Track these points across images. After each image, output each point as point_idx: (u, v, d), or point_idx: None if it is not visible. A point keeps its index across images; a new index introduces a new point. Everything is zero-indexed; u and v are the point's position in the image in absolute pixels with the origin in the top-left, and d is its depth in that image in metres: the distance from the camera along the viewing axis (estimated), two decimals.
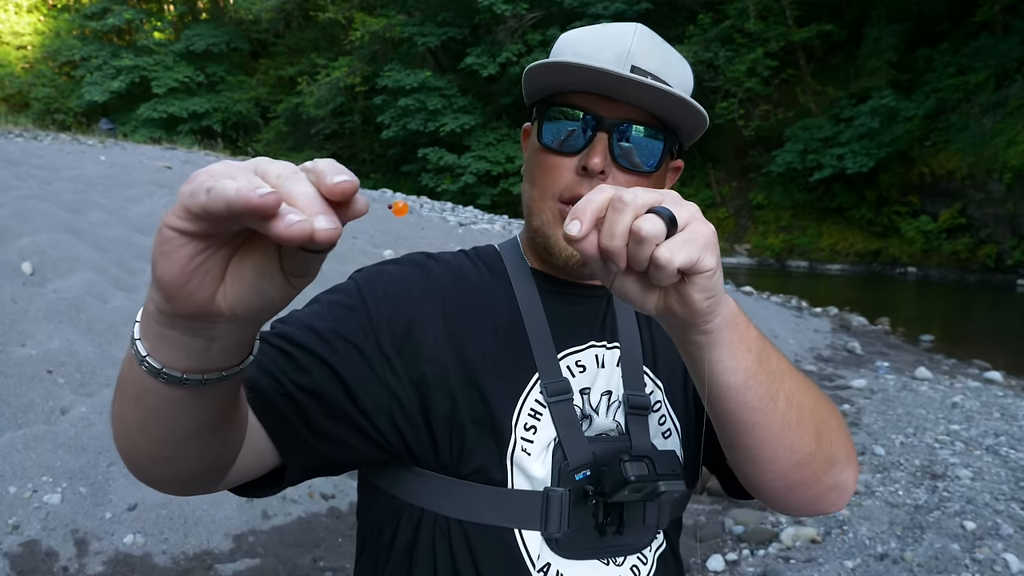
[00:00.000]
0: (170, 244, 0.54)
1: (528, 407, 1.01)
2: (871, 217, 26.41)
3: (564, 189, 1.02)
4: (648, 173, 1.03)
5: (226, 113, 38.60)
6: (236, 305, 0.58)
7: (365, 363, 0.96)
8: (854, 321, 12.94)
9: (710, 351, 0.78)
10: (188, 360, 0.63)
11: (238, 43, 40.99)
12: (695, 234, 0.69)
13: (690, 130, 1.05)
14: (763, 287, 16.79)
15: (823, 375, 8.41)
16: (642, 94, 0.97)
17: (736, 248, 29.55)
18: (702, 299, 0.72)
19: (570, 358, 1.07)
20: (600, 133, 1.00)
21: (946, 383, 8.12)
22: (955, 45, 25.45)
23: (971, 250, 23.09)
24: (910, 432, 6.12)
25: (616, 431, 1.05)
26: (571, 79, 0.99)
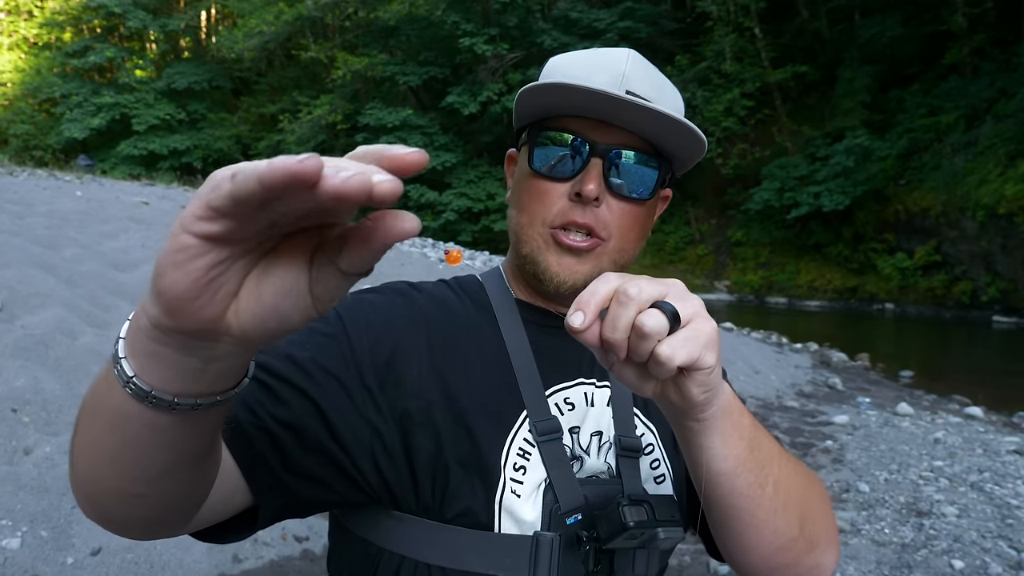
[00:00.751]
0: (185, 253, 0.48)
1: (517, 446, 0.96)
2: (848, 254, 26.79)
3: (556, 215, 0.99)
4: (642, 201, 1.01)
5: (207, 150, 38.53)
6: (249, 325, 0.51)
7: (346, 397, 0.91)
8: (834, 357, 12.99)
9: (702, 438, 0.79)
10: (181, 382, 0.56)
11: (220, 81, 41.21)
12: (697, 332, 0.70)
13: (686, 157, 1.03)
14: (743, 323, 16.85)
15: (805, 411, 8.38)
16: (639, 118, 0.95)
17: (716, 284, 29.76)
18: (699, 393, 0.73)
19: (558, 395, 1.02)
20: (594, 158, 0.97)
21: (927, 419, 8.13)
22: (926, 86, 26.16)
23: (947, 287, 23.43)
24: (894, 468, 6.09)
25: (607, 473, 1.01)
26: (565, 102, 0.96)
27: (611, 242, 1.00)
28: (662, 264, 31.76)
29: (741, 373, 9.83)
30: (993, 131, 22.61)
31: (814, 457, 6.50)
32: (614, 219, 0.99)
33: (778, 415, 8.01)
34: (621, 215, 0.99)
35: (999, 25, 24.56)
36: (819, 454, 6.59)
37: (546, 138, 0.99)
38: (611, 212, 0.98)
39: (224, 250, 0.48)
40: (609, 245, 1.00)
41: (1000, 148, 22.05)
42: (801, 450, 6.70)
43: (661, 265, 31.71)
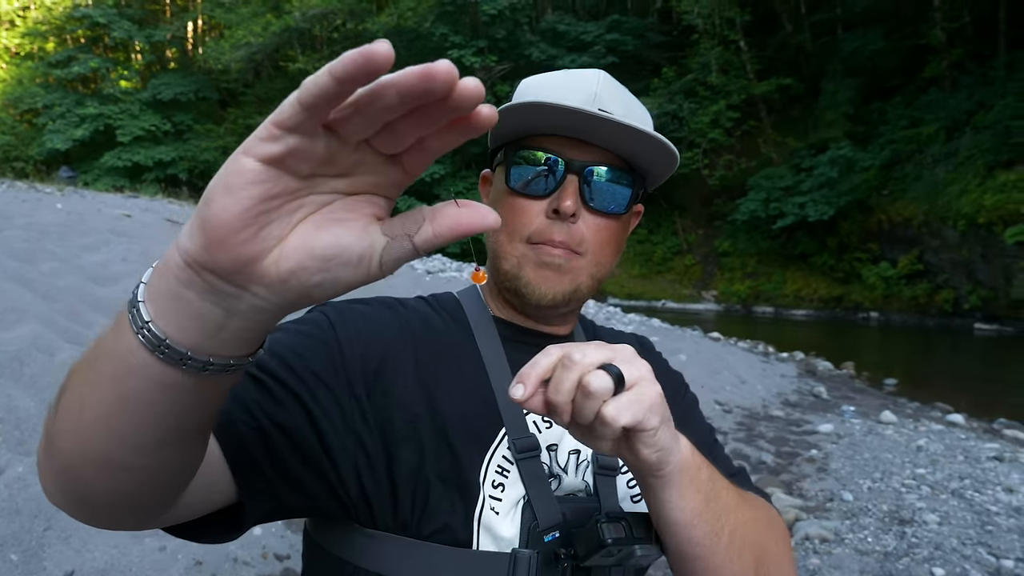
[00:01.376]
0: (242, 177, 0.46)
1: (496, 463, 0.96)
2: (833, 263, 27.02)
3: (534, 232, 1.00)
4: (617, 215, 1.03)
5: (193, 162, 38.28)
6: (290, 275, 0.50)
7: (336, 405, 0.91)
8: (819, 366, 13.04)
9: (660, 492, 0.81)
10: (199, 334, 0.53)
11: (206, 92, 41.07)
12: (641, 394, 0.73)
13: (659, 173, 1.06)
14: (730, 332, 16.91)
15: (790, 420, 8.40)
16: (613, 135, 0.97)
17: (703, 295, 29.87)
18: (650, 453, 0.76)
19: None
20: (571, 176, 0.99)
21: (910, 426, 8.17)
22: (907, 99, 26.54)
23: (929, 295, 23.66)
24: (877, 477, 6.11)
25: (584, 492, 1.02)
26: (541, 121, 0.98)
27: (588, 256, 1.02)
28: (650, 274, 31.88)
29: (727, 383, 9.85)
30: (972, 142, 22.93)
31: (799, 466, 6.50)
32: (590, 234, 1.01)
33: (764, 424, 8.03)
34: (597, 230, 1.01)
35: (977, 39, 24.97)
36: (804, 463, 6.60)
37: (522, 157, 1.01)
38: (587, 227, 1.01)
39: (282, 181, 0.47)
40: (586, 259, 1.02)
41: (979, 159, 22.35)
42: (786, 459, 6.71)
43: (649, 275, 31.84)
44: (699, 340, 14.47)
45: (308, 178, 0.49)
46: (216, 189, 0.47)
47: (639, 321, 15.64)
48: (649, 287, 30.73)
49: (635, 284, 30.89)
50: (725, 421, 7.94)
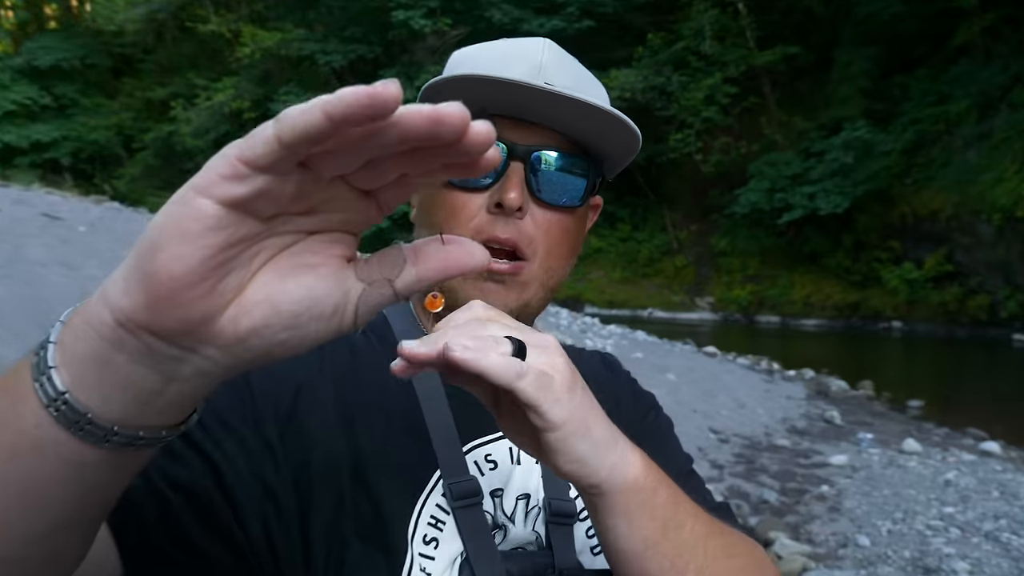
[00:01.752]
0: (201, 222, 0.46)
1: (428, 514, 0.97)
2: (848, 265, 27.51)
3: (475, 232, 1.00)
4: (571, 208, 1.04)
5: (79, 143, 37.85)
6: (251, 333, 0.50)
7: (243, 453, 0.91)
8: (833, 385, 13.19)
9: (603, 516, 0.81)
10: (127, 406, 0.53)
11: (96, 58, 40.52)
12: (543, 375, 0.73)
13: (619, 157, 1.07)
14: (729, 347, 17.05)
15: (798, 451, 8.48)
16: (564, 113, 0.98)
17: (698, 301, 30.13)
18: (565, 462, 0.76)
19: (478, 451, 1.04)
20: (514, 162, 1.00)
21: (938, 457, 8.29)
22: (933, 71, 27.13)
23: (961, 301, 24.19)
24: (898, 517, 6.18)
25: (535, 544, 1.02)
26: (476, 98, 0.97)
27: (537, 261, 1.03)
28: (635, 278, 32.09)
29: (724, 407, 9.92)
30: (1008, 122, 23.52)
31: (808, 506, 6.56)
32: (540, 232, 1.02)
33: (767, 456, 8.09)
34: (548, 227, 1.03)
35: (1014, 1, 25.55)
36: (813, 502, 6.65)
37: None
38: (536, 224, 1.02)
39: (245, 225, 0.47)
40: (535, 266, 1.03)
41: (1016, 141, 22.93)
42: (793, 497, 6.76)
43: (634, 279, 32.05)
44: (691, 356, 14.55)
45: (271, 219, 0.49)
46: (166, 236, 0.46)
47: (620, 334, 15.69)
48: (633, 293, 30.91)
49: (617, 289, 31.08)
50: (721, 452, 7.97)
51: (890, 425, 10.29)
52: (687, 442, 5.78)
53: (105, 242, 11.77)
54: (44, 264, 8.80)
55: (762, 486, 6.97)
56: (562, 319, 16.53)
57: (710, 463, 7.48)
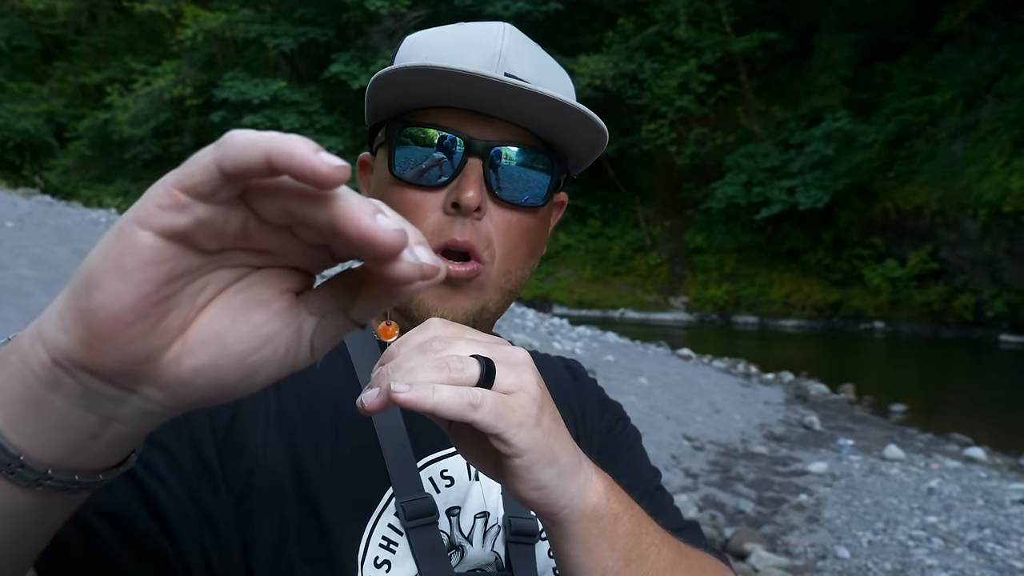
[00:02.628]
0: (140, 256, 0.46)
1: (380, 535, 0.97)
2: (829, 262, 27.85)
3: (431, 235, 1.00)
4: (533, 208, 1.05)
5: (6, 131, 37.16)
6: (196, 374, 0.50)
7: (178, 476, 0.90)
8: (812, 389, 13.34)
9: (561, 543, 0.80)
10: (63, 448, 0.53)
11: (24, 40, 39.84)
12: (512, 403, 0.73)
13: (584, 153, 1.07)
14: (704, 348, 17.17)
15: (775, 458, 8.55)
16: (524, 106, 0.97)
17: (672, 301, 30.32)
18: (527, 489, 0.75)
19: (433, 467, 1.05)
20: (472, 159, 1.00)
21: (921, 463, 8.43)
22: (917, 59, 27.53)
23: (946, 300, 24.60)
24: (879, 527, 6.26)
25: (495, 565, 1.03)
26: (430, 90, 0.98)
27: (495, 264, 1.03)
28: (606, 276, 32.21)
29: (699, 413, 9.99)
30: (995, 113, 23.94)
31: (785, 516, 6.61)
32: (499, 234, 1.03)
33: (743, 464, 8.15)
34: (508, 228, 1.03)
35: None
36: (791, 512, 6.71)
37: (409, 136, 1.02)
38: (495, 225, 1.02)
39: (187, 258, 0.47)
40: (493, 269, 1.03)
41: (1004, 133, 23.34)
42: (770, 507, 6.82)
43: (605, 278, 32.16)
44: (665, 359, 14.63)
45: (217, 252, 0.49)
46: (103, 271, 0.46)
47: (591, 336, 15.74)
48: (604, 293, 31.02)
49: (587, 289, 31.17)
50: (695, 460, 8.02)
51: (872, 431, 10.42)
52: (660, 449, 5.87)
53: (35, 239, 11.59)
54: None
55: (738, 495, 7.02)
56: (528, 320, 16.54)
57: (684, 471, 7.53)
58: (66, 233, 13.32)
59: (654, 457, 5.30)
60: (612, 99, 31.02)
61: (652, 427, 8.50)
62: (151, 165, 38.07)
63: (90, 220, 17.55)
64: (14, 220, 13.43)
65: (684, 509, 5.94)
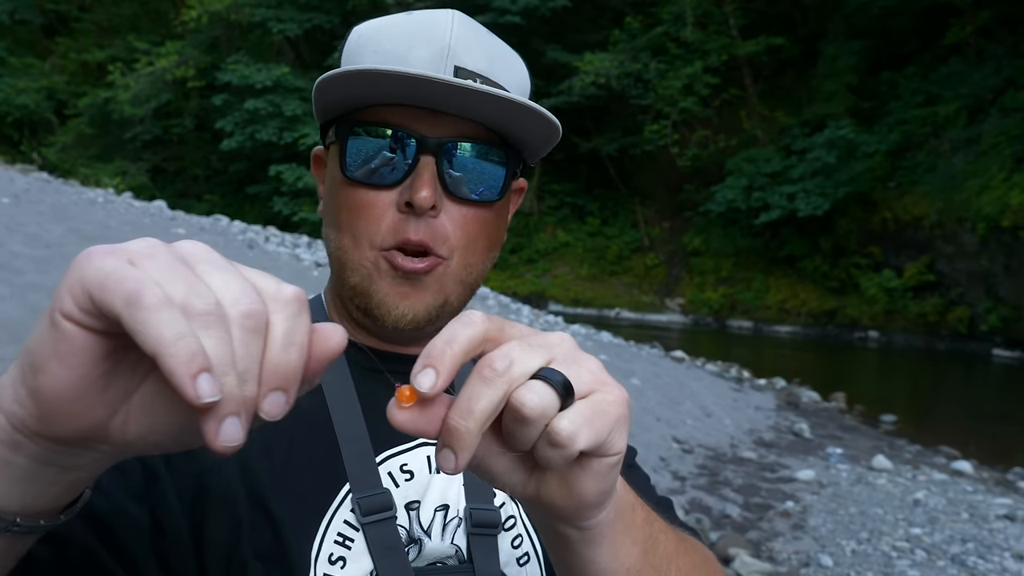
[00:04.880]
0: (70, 343, 0.49)
1: (335, 531, 0.97)
2: (826, 270, 27.87)
3: (386, 234, 1.00)
4: (490, 202, 1.03)
5: (5, 106, 36.91)
6: (140, 439, 0.53)
7: (121, 481, 0.89)
8: (804, 396, 13.39)
9: (586, 548, 0.73)
10: (26, 497, 0.58)
11: (25, 14, 39.55)
12: (603, 404, 0.64)
13: (537, 144, 1.05)
14: (698, 351, 17.20)
15: (764, 464, 8.58)
16: (475, 103, 0.96)
17: (668, 303, 30.33)
18: (596, 490, 0.67)
19: (393, 462, 1.04)
20: (425, 157, 0.98)
21: (908, 475, 8.47)
22: (923, 69, 27.52)
23: (941, 312, 24.64)
24: (864, 537, 6.29)
25: (455, 558, 1.03)
26: (378, 90, 0.97)
27: (455, 259, 1.02)
28: (602, 275, 32.20)
29: (689, 416, 10.00)
30: (998, 127, 23.97)
31: (771, 522, 6.64)
32: (456, 229, 1.01)
33: (731, 469, 8.17)
34: (464, 223, 1.02)
35: (1009, 1, 25.99)
36: (777, 518, 6.74)
37: (360, 135, 1.00)
38: (452, 221, 1.01)
39: (119, 339, 0.50)
40: (453, 263, 1.02)
41: (1005, 148, 23.38)
42: (756, 513, 6.84)
43: (601, 277, 32.15)
44: (658, 360, 14.64)
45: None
46: (44, 355, 0.50)
47: (585, 334, 15.74)
48: (601, 292, 31.03)
49: (583, 287, 31.18)
50: (684, 463, 8.04)
51: (861, 440, 10.46)
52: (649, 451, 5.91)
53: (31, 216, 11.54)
54: None
55: (725, 500, 7.05)
56: (524, 317, 16.53)
57: (672, 474, 7.55)
58: (63, 211, 13.26)
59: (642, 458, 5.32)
60: (616, 98, 31.00)
61: (642, 428, 8.51)
62: (151, 146, 37.99)
63: (87, 199, 17.45)
64: (10, 196, 13.36)
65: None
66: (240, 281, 0.52)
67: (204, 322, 0.48)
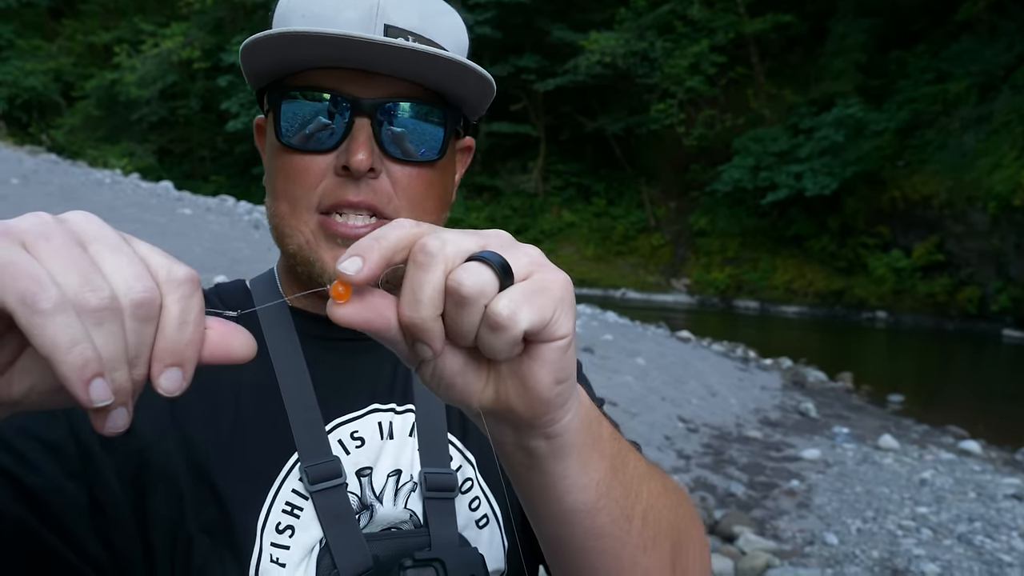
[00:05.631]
0: None
1: (283, 501, 0.97)
2: (834, 250, 27.78)
3: (323, 196, 0.99)
4: (432, 162, 1.02)
5: (14, 88, 37.07)
6: (24, 395, 0.54)
7: (56, 461, 0.88)
8: (810, 376, 13.36)
9: (553, 462, 0.71)
10: None
11: None
12: (544, 283, 0.62)
13: (475, 101, 1.04)
14: (704, 331, 17.16)
15: (769, 443, 8.54)
16: (408, 63, 0.94)
17: (674, 283, 30.30)
18: (551, 383, 0.64)
19: (343, 429, 1.03)
20: (359, 119, 0.97)
21: (915, 454, 8.43)
22: (933, 47, 27.29)
23: (950, 292, 24.54)
24: (869, 516, 6.26)
25: (410, 522, 1.02)
26: (307, 54, 0.95)
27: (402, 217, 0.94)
28: (608, 256, 32.16)
29: (694, 395, 9.98)
30: (1010, 104, 23.78)
31: (776, 501, 6.61)
32: (400, 190, 1.00)
33: (736, 448, 8.15)
34: (409, 183, 1.01)
35: None
36: (782, 497, 6.71)
37: (292, 101, 0.99)
38: (394, 182, 1.00)
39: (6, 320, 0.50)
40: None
41: (1017, 126, 23.21)
42: (761, 492, 6.81)
43: (607, 257, 32.12)
44: (663, 340, 14.63)
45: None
46: None
47: (590, 314, 15.72)
48: (606, 272, 31.02)
49: (588, 267, 31.16)
50: (689, 442, 8.01)
51: (867, 420, 10.42)
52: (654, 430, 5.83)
53: (39, 197, 11.57)
54: None
55: (730, 479, 7.03)
56: None
57: (677, 452, 7.52)
58: (71, 192, 13.30)
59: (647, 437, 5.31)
60: (622, 77, 30.87)
61: (647, 407, 8.49)
62: (157, 127, 38.04)
63: (95, 180, 17.50)
64: (19, 177, 13.41)
65: None
66: (133, 265, 0.52)
67: (97, 319, 0.49)
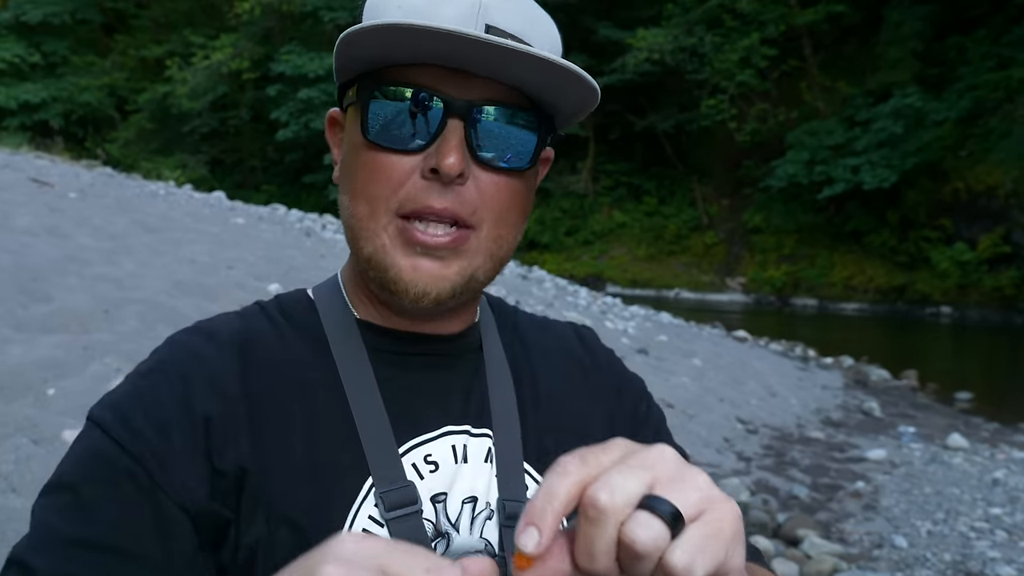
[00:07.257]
0: None
1: (360, 528, 0.95)
2: (894, 244, 27.30)
3: (405, 199, 0.95)
4: (520, 171, 0.99)
5: (70, 104, 37.94)
6: None
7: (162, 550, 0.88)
8: (873, 375, 13.16)
9: None
10: None
11: (87, 13, 40.48)
12: (717, 525, 0.63)
13: (573, 110, 1.01)
14: (761, 331, 17.00)
15: (832, 444, 8.46)
16: (510, 64, 0.91)
17: (728, 282, 30.03)
18: None
19: (416, 452, 1.01)
20: (452, 120, 0.94)
21: (986, 454, 8.27)
22: (994, 32, 26.66)
23: (1018, 285, 23.98)
24: (940, 517, 6.16)
25: (487, 551, 1.00)
26: (404, 48, 0.92)
27: (484, 230, 0.98)
28: (661, 256, 32.01)
29: (753, 396, 9.91)
30: None
31: (841, 503, 6.55)
32: (485, 199, 0.97)
33: (798, 449, 8.07)
34: (495, 192, 0.98)
35: None
36: (847, 499, 6.64)
37: (383, 96, 0.96)
38: (480, 190, 0.97)
39: None
40: (482, 234, 0.98)
41: None
42: (825, 494, 6.75)
43: (660, 257, 31.96)
44: (719, 340, 14.52)
45: None
46: None
47: (644, 315, 15.66)
48: (659, 272, 30.89)
49: (641, 268, 31.06)
50: (749, 443, 7.95)
51: (934, 418, 10.25)
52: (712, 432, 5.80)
53: (96, 210, 11.86)
54: (33, 232, 8.88)
55: (792, 481, 6.96)
56: (581, 299, 16.53)
57: (736, 455, 7.47)
58: (126, 204, 13.62)
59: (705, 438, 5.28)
60: (671, 73, 30.72)
61: (704, 408, 8.45)
62: (209, 138, 38.76)
63: (149, 192, 17.92)
64: (77, 191, 13.76)
65: (736, 493, 5.90)
66: None
67: None
